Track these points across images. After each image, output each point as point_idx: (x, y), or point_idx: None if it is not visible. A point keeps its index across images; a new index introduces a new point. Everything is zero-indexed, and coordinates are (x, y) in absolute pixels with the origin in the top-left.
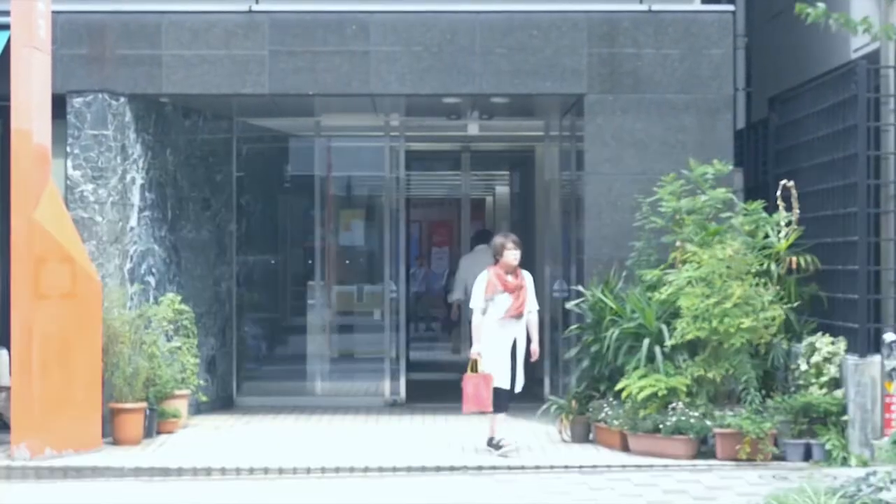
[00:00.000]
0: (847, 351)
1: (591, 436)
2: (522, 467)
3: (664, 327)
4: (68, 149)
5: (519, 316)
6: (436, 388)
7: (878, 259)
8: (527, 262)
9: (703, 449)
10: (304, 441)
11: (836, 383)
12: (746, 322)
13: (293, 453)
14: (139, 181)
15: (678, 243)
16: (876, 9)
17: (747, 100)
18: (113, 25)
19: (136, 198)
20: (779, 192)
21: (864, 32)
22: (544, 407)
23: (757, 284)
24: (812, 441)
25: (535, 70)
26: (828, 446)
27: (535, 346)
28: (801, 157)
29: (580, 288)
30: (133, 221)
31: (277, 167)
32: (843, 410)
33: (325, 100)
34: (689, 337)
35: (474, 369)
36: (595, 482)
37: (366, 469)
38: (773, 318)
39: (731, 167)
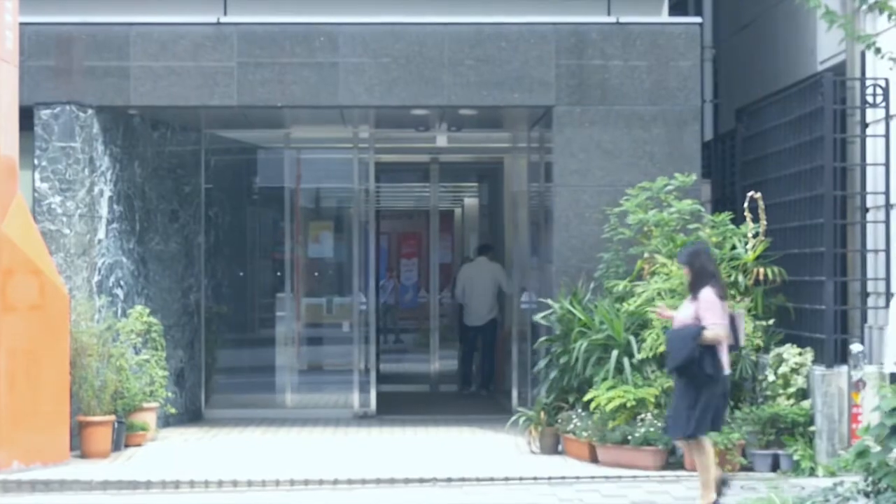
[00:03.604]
0: (814, 362)
1: (559, 447)
2: (491, 479)
3: (632, 339)
4: (36, 161)
5: None
6: (405, 400)
7: (844, 270)
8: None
9: (672, 460)
10: (273, 453)
11: (803, 394)
12: None
13: (262, 466)
14: (107, 193)
15: (646, 255)
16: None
17: (715, 111)
18: (81, 37)
19: (104, 210)
20: (746, 204)
21: (840, 28)
22: (513, 418)
23: (732, 297)
24: (780, 452)
25: (504, 82)
26: (795, 457)
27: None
28: (769, 168)
29: (549, 301)
30: (101, 234)
31: (246, 179)
32: (811, 421)
33: (293, 111)
34: (660, 349)
35: None
36: (564, 493)
37: (335, 481)
38: (750, 332)
39: (694, 179)
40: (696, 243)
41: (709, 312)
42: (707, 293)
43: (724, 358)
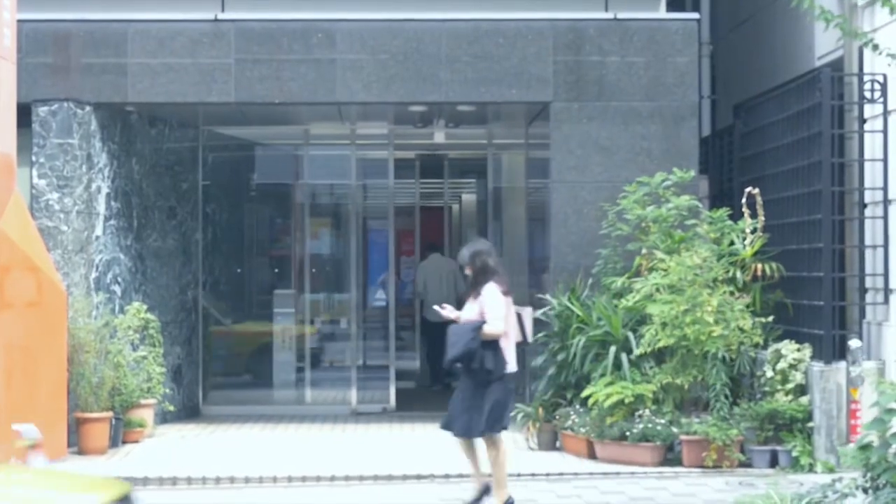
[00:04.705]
0: (812, 357)
1: (557, 443)
2: (490, 475)
3: (631, 335)
4: (34, 158)
5: None
6: (406, 397)
7: (842, 266)
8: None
9: (670, 456)
10: (271, 450)
11: (801, 390)
12: (717, 330)
13: (260, 462)
14: (105, 190)
15: (644, 251)
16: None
17: (712, 107)
18: (78, 34)
19: (101, 207)
20: (744, 200)
21: (836, 27)
22: (511, 415)
23: (731, 293)
24: (778, 448)
25: (501, 78)
26: (794, 453)
27: None
28: (766, 164)
29: (547, 296)
30: (99, 230)
31: (245, 176)
32: (809, 417)
33: (290, 108)
34: (660, 344)
35: None
36: (562, 490)
37: (332, 478)
38: (743, 330)
39: (692, 175)
40: (476, 241)
41: (490, 307)
42: (490, 289)
43: (510, 354)
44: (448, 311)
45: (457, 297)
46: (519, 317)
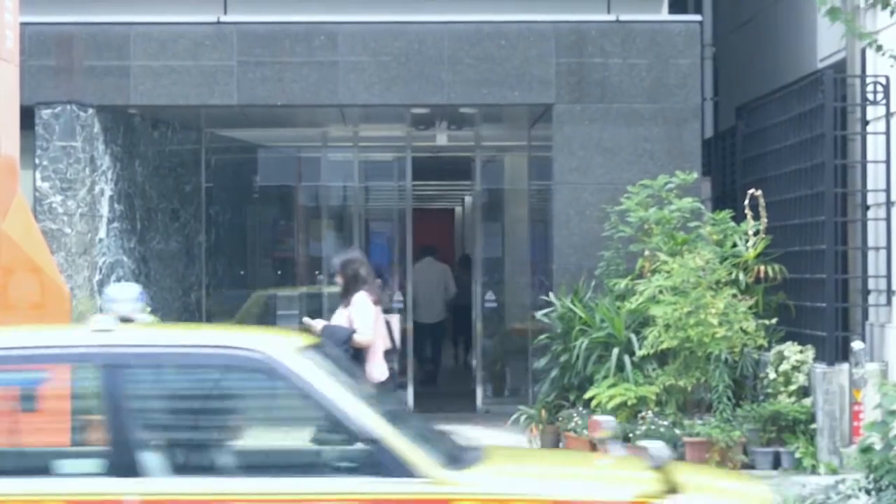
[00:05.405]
0: (815, 359)
1: (560, 445)
2: None
3: (633, 336)
4: (37, 160)
5: None
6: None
7: (845, 267)
8: (498, 273)
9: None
10: None
11: (804, 391)
12: (721, 331)
13: None
14: (108, 192)
15: (647, 252)
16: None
17: (715, 109)
18: (81, 37)
19: (104, 209)
20: (746, 202)
21: (844, 23)
22: (514, 416)
23: (734, 295)
24: (781, 449)
25: (503, 80)
26: (797, 454)
27: None
28: (769, 166)
29: (550, 296)
30: (102, 233)
31: (247, 178)
32: (812, 418)
33: (293, 110)
34: (663, 346)
35: None
36: None
37: None
38: (747, 332)
39: (695, 176)
40: (348, 249)
41: (359, 317)
42: (360, 298)
43: (379, 361)
44: (315, 322)
45: (446, 301)
46: (388, 324)
